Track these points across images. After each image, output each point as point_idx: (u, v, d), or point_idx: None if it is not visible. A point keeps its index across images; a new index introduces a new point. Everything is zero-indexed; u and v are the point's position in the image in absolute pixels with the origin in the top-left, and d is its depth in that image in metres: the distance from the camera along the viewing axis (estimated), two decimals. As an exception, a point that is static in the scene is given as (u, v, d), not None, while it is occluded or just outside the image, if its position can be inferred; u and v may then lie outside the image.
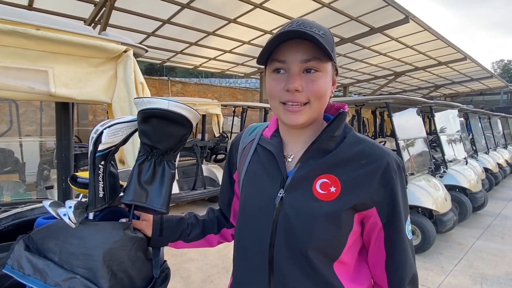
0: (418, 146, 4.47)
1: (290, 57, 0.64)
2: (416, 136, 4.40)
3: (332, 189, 0.67)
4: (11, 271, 0.73)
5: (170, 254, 3.38)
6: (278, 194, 0.70)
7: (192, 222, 0.93)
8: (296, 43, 0.63)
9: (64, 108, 1.14)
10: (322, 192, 0.67)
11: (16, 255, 0.75)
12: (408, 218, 0.72)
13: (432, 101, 4.79)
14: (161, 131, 0.74)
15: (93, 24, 5.63)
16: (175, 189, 4.99)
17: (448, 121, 5.43)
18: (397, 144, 3.81)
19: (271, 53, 0.66)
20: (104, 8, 5.03)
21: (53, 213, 0.71)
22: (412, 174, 3.96)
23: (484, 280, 3.06)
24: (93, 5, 5.18)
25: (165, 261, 0.96)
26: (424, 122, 7.52)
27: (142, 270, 0.82)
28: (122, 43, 1.06)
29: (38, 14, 0.97)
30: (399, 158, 0.71)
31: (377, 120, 7.51)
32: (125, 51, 1.05)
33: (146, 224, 0.86)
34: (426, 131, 6.89)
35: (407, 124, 4.43)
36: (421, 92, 16.83)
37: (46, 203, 0.73)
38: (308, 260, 0.66)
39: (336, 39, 7.42)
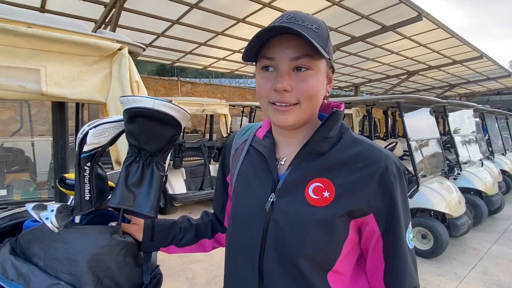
0: (431, 147, 4.33)
1: (279, 54, 0.59)
2: (429, 137, 4.27)
3: (326, 194, 0.62)
4: (-5, 275, 0.71)
5: (176, 254, 3.37)
6: (269, 199, 0.66)
7: (185, 226, 0.90)
8: (286, 38, 0.59)
9: (59, 108, 1.12)
10: (315, 197, 0.62)
11: (1, 259, 0.73)
12: (410, 225, 0.66)
13: (445, 100, 4.64)
14: (148, 132, 0.71)
15: (103, 25, 5.69)
16: (183, 188, 5.00)
17: (463, 121, 5.26)
18: (409, 145, 3.70)
19: (260, 49, 0.61)
20: (114, 9, 5.07)
21: (36, 216, 0.68)
22: (424, 176, 3.84)
23: (500, 287, 2.92)
24: (103, 6, 5.24)
25: (157, 266, 0.92)
26: (438, 122, 7.33)
27: (131, 276, 0.79)
28: (117, 41, 1.03)
29: (31, 12, 0.95)
30: (399, 161, 0.65)
31: (389, 120, 7.35)
32: (119, 49, 1.03)
33: (136, 228, 0.83)
34: (440, 132, 6.70)
35: (420, 124, 4.30)
36: (435, 92, 16.42)
37: (29, 206, 0.71)
38: (299, 270, 0.61)
39: (347, 38, 7.30)
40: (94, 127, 0.71)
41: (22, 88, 0.87)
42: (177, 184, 4.95)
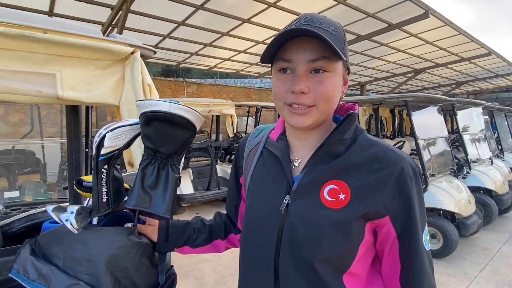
0: (440, 145, 4.28)
1: (297, 56, 0.60)
2: (437, 136, 4.23)
3: (341, 196, 0.62)
4: (16, 275, 0.73)
5: (184, 255, 3.39)
6: (284, 201, 0.66)
7: (198, 227, 0.91)
8: (304, 40, 0.59)
9: (73, 111, 1.15)
10: (330, 199, 0.63)
11: (22, 260, 0.74)
12: (426, 227, 0.66)
13: (454, 98, 4.58)
14: (163, 134, 0.72)
15: (110, 27, 5.75)
16: (190, 189, 5.03)
17: (472, 119, 5.19)
18: (417, 144, 3.67)
19: (277, 51, 0.62)
20: (120, 12, 5.12)
21: (56, 218, 0.70)
22: (433, 175, 3.80)
23: (511, 287, 2.88)
24: (110, 9, 5.29)
25: (171, 266, 0.93)
26: (446, 120, 7.24)
27: (147, 276, 0.80)
28: (130, 45, 1.05)
29: (45, 17, 0.97)
30: (415, 162, 0.65)
31: (396, 119, 7.29)
32: (132, 53, 1.04)
33: (151, 229, 0.84)
34: (448, 130, 6.63)
35: (428, 123, 4.26)
36: (442, 90, 16.22)
37: (49, 208, 0.72)
38: (315, 271, 0.61)
39: (352, 37, 7.26)
40: (111, 130, 0.72)
41: (39, 92, 0.89)
42: (184, 185, 4.98)
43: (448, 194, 3.52)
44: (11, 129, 6.95)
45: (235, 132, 6.11)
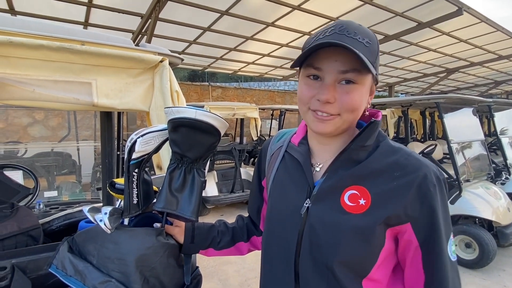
0: (475, 149, 4.05)
1: (327, 66, 0.60)
2: (472, 139, 4.00)
3: (362, 201, 0.62)
4: (56, 271, 0.78)
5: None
6: (304, 204, 0.67)
7: (222, 229, 0.93)
8: (336, 51, 0.58)
9: (107, 117, 1.22)
10: (350, 204, 0.63)
11: (61, 256, 0.80)
12: (451, 237, 0.64)
13: (490, 99, 4.32)
14: (190, 140, 0.75)
15: (140, 35, 6.01)
16: (215, 191, 5.11)
17: (511, 121, 4.86)
18: (450, 148, 3.49)
19: (307, 55, 0.62)
20: (149, 20, 5.34)
21: (91, 219, 0.75)
22: (468, 180, 3.60)
23: (558, 304, 2.66)
24: (140, 17, 5.53)
25: (197, 267, 0.96)
26: (483, 122, 6.83)
27: (174, 276, 0.83)
28: (159, 53, 1.10)
29: (81, 30, 1.04)
30: (439, 170, 0.63)
31: (427, 121, 6.97)
32: (161, 61, 1.09)
33: (178, 230, 0.87)
34: (485, 133, 6.24)
35: (462, 125, 4.04)
36: (478, 90, 15.31)
37: (85, 209, 0.77)
38: (334, 274, 0.62)
39: (380, 37, 7.06)
40: (142, 136, 0.76)
41: (77, 100, 0.96)
42: (209, 187, 5.07)
43: (484, 201, 3.31)
44: (49, 132, 7.45)
45: (259, 135, 6.14)
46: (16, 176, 2.08)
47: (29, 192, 1.81)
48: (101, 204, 1.15)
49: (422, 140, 6.84)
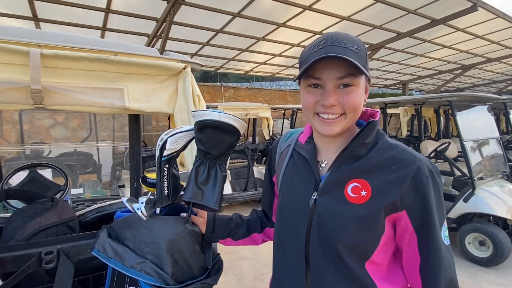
0: (490, 147, 4.01)
1: (326, 75, 0.69)
2: (487, 137, 3.96)
3: (363, 193, 0.70)
4: (97, 253, 0.90)
5: (224, 251, 3.57)
6: (312, 197, 0.76)
7: (238, 222, 1.03)
8: (331, 60, 0.67)
9: (135, 120, 1.34)
10: (353, 195, 0.71)
11: (101, 241, 0.92)
12: (445, 223, 0.72)
13: (505, 97, 4.26)
14: (214, 139, 0.85)
15: (155, 38, 6.20)
16: (228, 189, 5.23)
17: (528, 118, 4.77)
18: (463, 146, 3.49)
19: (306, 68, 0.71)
20: (164, 24, 5.51)
21: (129, 207, 0.86)
22: (482, 178, 3.58)
23: None
24: (155, 21, 5.72)
25: (218, 254, 1.07)
26: (500, 120, 6.69)
27: (199, 260, 0.94)
28: (182, 61, 1.21)
29: (114, 42, 1.16)
30: (432, 163, 0.71)
31: (441, 119, 6.88)
32: (184, 68, 1.20)
33: (202, 220, 0.98)
34: (503, 131, 6.12)
35: (476, 123, 4.01)
36: (496, 86, 14.88)
37: (124, 199, 0.89)
38: (340, 258, 0.70)
39: (392, 35, 7.02)
40: (171, 136, 0.87)
41: (111, 104, 1.08)
42: (223, 185, 5.19)
43: (499, 199, 3.30)
44: (70, 133, 7.77)
45: (271, 134, 6.22)
46: (46, 174, 2.25)
47: (60, 188, 1.97)
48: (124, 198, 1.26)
49: (437, 138, 6.76)
